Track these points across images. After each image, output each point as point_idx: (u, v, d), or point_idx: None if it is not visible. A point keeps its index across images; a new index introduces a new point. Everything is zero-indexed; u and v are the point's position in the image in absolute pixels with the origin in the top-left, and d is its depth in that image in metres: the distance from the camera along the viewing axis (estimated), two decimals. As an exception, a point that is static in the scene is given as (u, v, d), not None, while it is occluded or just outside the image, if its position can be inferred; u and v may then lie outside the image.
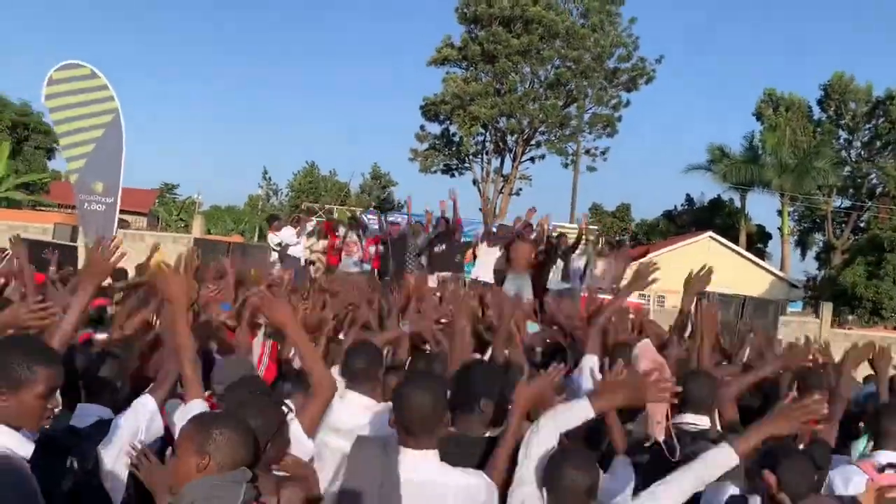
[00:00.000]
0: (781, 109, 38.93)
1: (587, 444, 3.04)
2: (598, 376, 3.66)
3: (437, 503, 2.46)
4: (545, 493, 2.52)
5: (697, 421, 3.27)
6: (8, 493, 1.92)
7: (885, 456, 3.17)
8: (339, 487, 2.54)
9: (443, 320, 4.77)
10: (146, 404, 2.72)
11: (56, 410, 2.25)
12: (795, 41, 75.52)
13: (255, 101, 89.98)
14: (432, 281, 11.91)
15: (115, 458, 2.56)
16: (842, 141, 39.43)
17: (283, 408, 2.59)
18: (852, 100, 38.34)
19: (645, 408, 2.97)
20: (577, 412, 2.69)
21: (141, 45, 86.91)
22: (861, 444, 3.60)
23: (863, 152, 39.22)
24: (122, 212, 12.22)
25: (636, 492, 2.75)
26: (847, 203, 40.26)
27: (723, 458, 2.51)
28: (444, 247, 12.10)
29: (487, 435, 2.85)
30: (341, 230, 12.77)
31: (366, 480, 2.47)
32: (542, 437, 2.61)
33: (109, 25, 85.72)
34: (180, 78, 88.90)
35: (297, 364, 4.25)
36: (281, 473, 2.52)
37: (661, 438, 2.93)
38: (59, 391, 2.26)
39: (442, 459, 2.56)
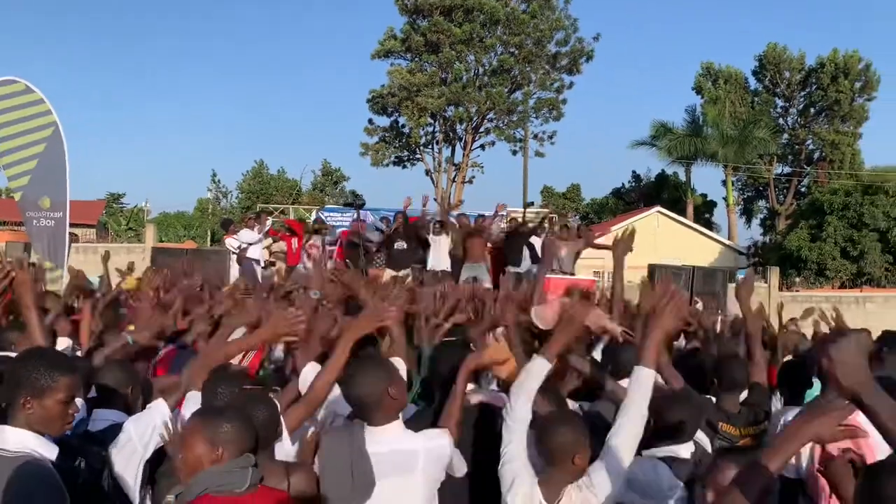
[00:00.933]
0: (720, 82, 39.92)
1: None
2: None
3: (409, 468, 2.67)
4: (540, 459, 2.72)
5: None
6: (40, 492, 2.10)
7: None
8: (319, 474, 2.71)
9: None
10: (160, 408, 2.86)
11: (76, 416, 2.44)
12: (729, 14, 77.09)
13: (196, 103, 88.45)
14: (387, 275, 12.12)
15: (126, 461, 2.70)
16: (779, 109, 40.63)
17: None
18: (786, 69, 39.52)
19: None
20: (536, 371, 2.88)
21: (74, 54, 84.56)
22: (815, 391, 4.00)
23: (799, 119, 40.50)
24: (70, 225, 12.07)
25: None
26: (787, 169, 41.57)
27: (646, 378, 2.74)
28: (404, 244, 12.28)
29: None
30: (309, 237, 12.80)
31: (337, 463, 2.67)
32: (516, 412, 2.80)
33: (37, 33, 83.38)
34: (117, 85, 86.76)
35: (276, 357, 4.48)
36: (289, 460, 2.75)
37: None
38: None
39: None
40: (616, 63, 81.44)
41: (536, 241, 12.76)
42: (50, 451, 2.31)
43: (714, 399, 3.84)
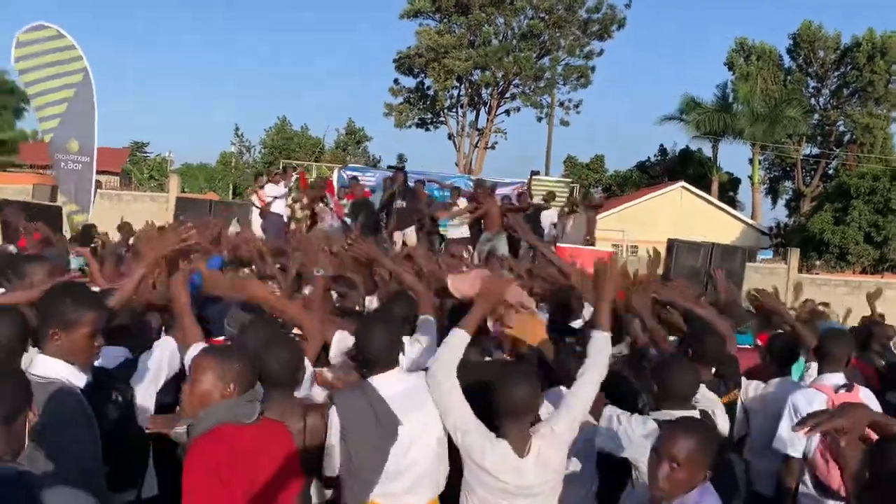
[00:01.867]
0: (753, 58, 39.16)
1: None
2: None
3: (421, 403, 2.83)
4: (501, 417, 2.84)
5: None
6: (70, 413, 2.24)
7: (834, 377, 3.66)
8: (339, 431, 2.80)
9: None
10: (167, 344, 3.06)
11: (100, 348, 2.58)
12: (767, -11, 75.28)
13: (224, 56, 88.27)
14: (397, 237, 12.23)
15: (145, 392, 2.90)
16: (811, 89, 39.85)
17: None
18: (821, 48, 38.66)
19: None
20: (455, 343, 2.97)
21: (105, 3, 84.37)
22: (801, 366, 4.09)
23: (831, 100, 39.72)
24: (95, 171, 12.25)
25: None
26: (816, 151, 40.91)
27: (602, 341, 2.99)
28: (404, 203, 12.33)
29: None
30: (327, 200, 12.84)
31: (359, 413, 2.80)
32: (442, 385, 2.89)
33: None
34: (147, 34, 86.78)
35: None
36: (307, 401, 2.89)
37: None
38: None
39: None
40: (646, 34, 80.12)
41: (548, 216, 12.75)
42: (79, 380, 2.46)
43: None
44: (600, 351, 2.97)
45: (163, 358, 2.99)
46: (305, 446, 2.77)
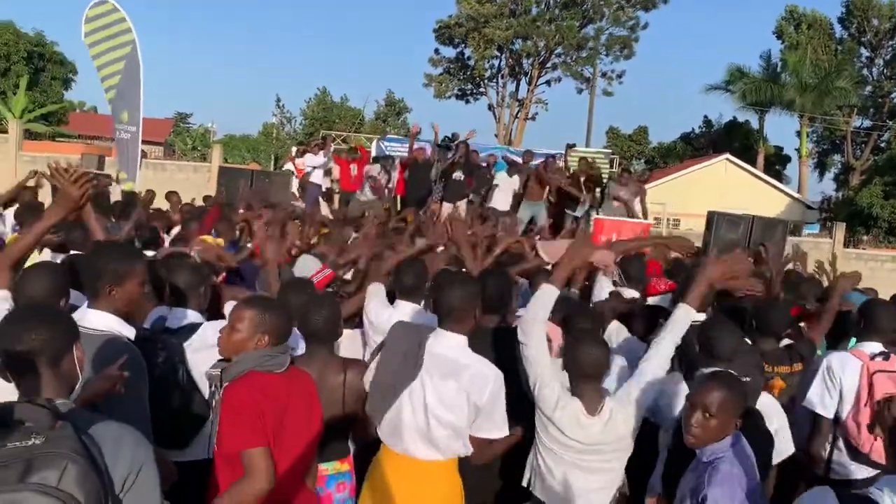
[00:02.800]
0: (803, 27, 38.00)
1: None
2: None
3: (453, 377, 2.86)
4: (566, 378, 3.00)
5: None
6: (123, 364, 2.35)
7: (872, 346, 3.70)
8: (378, 346, 3.01)
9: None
10: None
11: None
12: (821, -46, 72.60)
13: (264, 29, 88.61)
14: (446, 208, 12.21)
15: (202, 362, 2.86)
16: (863, 59, 38.55)
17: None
18: (875, 17, 37.29)
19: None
20: (546, 298, 3.07)
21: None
22: (852, 343, 4.06)
23: (885, 71, 38.41)
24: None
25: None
26: (867, 123, 39.69)
27: (683, 314, 3.09)
28: (461, 175, 12.24)
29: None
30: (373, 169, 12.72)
31: (397, 342, 2.94)
32: (534, 339, 3.02)
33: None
34: (189, 5, 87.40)
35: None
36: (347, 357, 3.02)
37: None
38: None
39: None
40: (693, 2, 78.09)
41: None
42: (129, 331, 2.61)
43: (750, 341, 3.95)
44: (678, 321, 3.09)
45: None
46: (344, 399, 2.95)
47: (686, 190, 30.99)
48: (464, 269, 4.38)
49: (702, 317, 3.70)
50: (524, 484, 3.14)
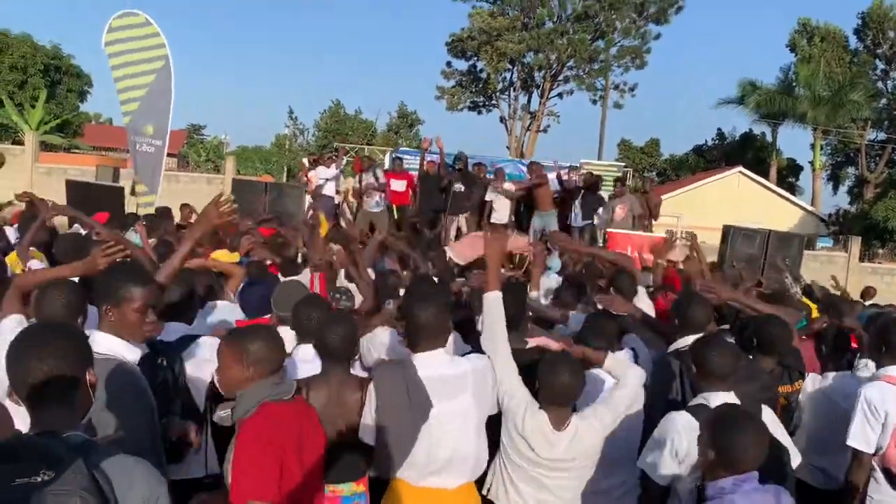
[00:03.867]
0: (816, 40, 37.82)
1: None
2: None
3: (460, 390, 2.83)
4: (544, 394, 2.99)
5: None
6: (125, 389, 2.35)
7: None
8: (375, 403, 2.86)
9: None
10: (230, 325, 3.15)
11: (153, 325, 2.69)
12: (834, -33, 72.53)
13: (277, 40, 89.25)
14: (451, 221, 12.31)
15: (199, 371, 3.01)
16: (878, 72, 38.31)
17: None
18: (891, 29, 37.06)
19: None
20: (492, 305, 3.07)
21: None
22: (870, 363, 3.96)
23: (900, 83, 38.14)
24: (156, 154, 12.58)
25: None
26: (882, 136, 39.38)
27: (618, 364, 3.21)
28: (461, 187, 12.38)
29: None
30: (375, 172, 12.86)
31: (393, 390, 2.83)
32: (499, 350, 3.01)
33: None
34: (201, 18, 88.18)
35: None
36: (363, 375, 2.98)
37: None
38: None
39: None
40: (705, 14, 78.13)
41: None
42: (132, 354, 2.57)
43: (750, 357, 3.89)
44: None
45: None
46: (360, 418, 2.88)
47: (699, 203, 30.85)
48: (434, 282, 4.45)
49: (692, 338, 3.63)
50: (483, 492, 3.10)
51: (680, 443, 2.83)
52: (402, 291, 4.52)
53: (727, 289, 4.52)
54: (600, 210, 12.03)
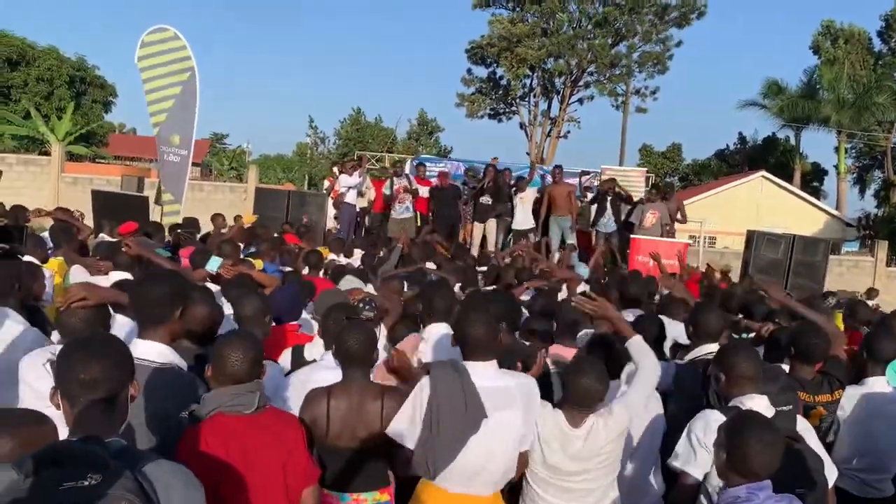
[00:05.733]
0: (840, 42, 37.44)
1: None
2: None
3: (509, 402, 2.84)
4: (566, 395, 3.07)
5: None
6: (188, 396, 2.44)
7: None
8: (429, 403, 2.82)
9: None
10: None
11: None
12: (857, -32, 71.82)
13: (298, 49, 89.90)
14: (478, 229, 12.43)
15: None
16: (904, 74, 37.78)
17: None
18: (915, 30, 36.65)
19: None
20: (640, 350, 3.26)
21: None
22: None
23: (926, 85, 37.56)
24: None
25: None
26: (909, 139, 38.83)
27: (638, 344, 3.27)
28: (489, 199, 12.50)
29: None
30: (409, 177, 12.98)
31: (450, 395, 2.80)
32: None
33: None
34: (221, 26, 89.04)
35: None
36: (385, 383, 2.98)
37: None
38: None
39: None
40: (728, 17, 77.66)
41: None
42: (181, 361, 2.68)
43: (788, 368, 3.89)
44: (646, 352, 3.27)
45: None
46: (382, 426, 2.85)
47: (722, 207, 30.61)
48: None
49: (714, 347, 3.66)
50: None
51: (712, 437, 2.84)
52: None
53: (780, 291, 4.56)
54: (632, 214, 11.97)
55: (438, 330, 3.80)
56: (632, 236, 11.32)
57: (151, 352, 2.56)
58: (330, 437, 2.82)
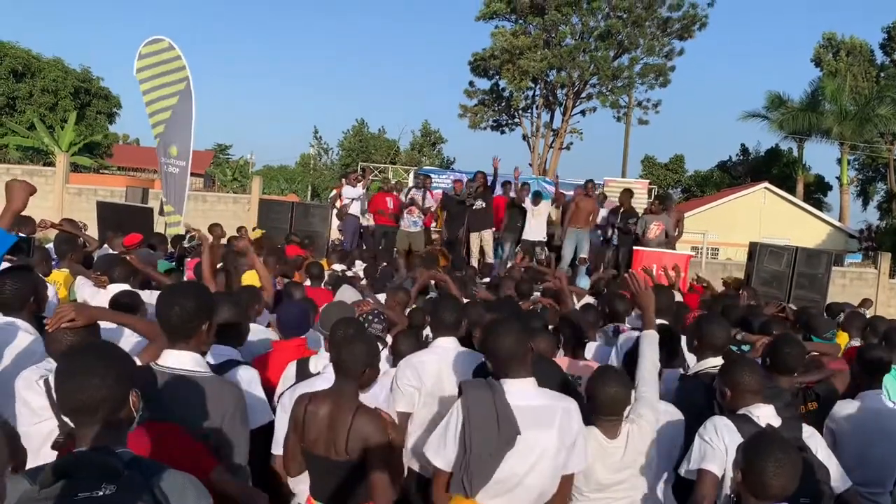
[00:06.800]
0: (842, 54, 37.55)
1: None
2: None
3: (549, 423, 2.77)
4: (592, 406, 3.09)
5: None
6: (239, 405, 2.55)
7: None
8: (461, 427, 2.77)
9: None
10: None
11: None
12: (859, -19, 72.07)
13: (302, 60, 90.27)
14: (474, 239, 12.36)
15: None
16: (906, 85, 37.82)
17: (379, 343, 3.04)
18: (918, 42, 36.75)
19: None
20: (651, 343, 3.40)
21: (184, 5, 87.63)
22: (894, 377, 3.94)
23: (929, 97, 37.59)
24: (184, 174, 12.79)
25: None
26: (912, 150, 38.84)
27: (650, 336, 3.44)
28: (482, 204, 12.40)
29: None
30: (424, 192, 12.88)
31: (483, 413, 2.74)
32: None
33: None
34: (226, 37, 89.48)
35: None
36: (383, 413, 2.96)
37: None
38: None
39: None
40: (730, 30, 77.93)
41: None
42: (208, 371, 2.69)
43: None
44: (650, 345, 3.41)
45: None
46: (347, 445, 2.73)
47: (724, 219, 30.62)
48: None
49: (718, 360, 3.66)
50: None
51: (722, 436, 2.89)
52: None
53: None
54: (636, 224, 11.95)
55: (446, 344, 3.79)
56: (635, 248, 11.33)
57: (184, 362, 2.56)
58: (307, 442, 2.79)
